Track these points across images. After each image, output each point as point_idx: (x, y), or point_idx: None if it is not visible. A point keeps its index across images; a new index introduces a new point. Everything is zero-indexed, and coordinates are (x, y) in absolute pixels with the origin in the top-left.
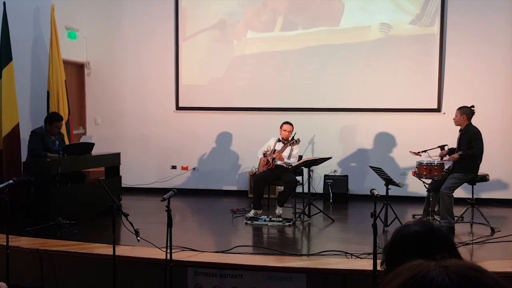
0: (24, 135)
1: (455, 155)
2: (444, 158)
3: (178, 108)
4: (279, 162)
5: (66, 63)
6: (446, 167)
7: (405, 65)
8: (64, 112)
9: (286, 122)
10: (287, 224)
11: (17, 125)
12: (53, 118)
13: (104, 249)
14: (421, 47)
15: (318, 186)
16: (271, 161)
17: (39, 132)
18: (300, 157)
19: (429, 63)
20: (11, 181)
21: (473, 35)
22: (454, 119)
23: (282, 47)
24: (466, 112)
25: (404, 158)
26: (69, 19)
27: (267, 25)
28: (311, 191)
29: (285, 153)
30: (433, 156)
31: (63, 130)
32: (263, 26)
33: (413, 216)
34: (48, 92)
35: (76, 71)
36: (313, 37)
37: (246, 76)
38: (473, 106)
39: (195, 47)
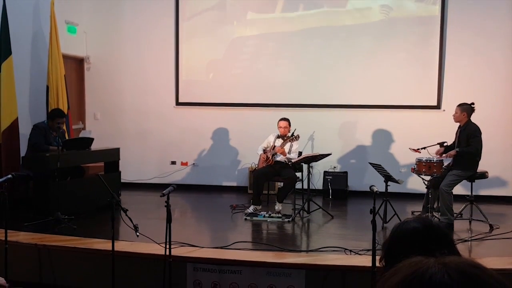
0: (23, 130)
1: (452, 152)
2: (442, 155)
3: (178, 103)
4: (279, 158)
5: (66, 57)
6: (445, 164)
7: (405, 62)
8: (63, 107)
9: (282, 119)
10: (287, 220)
11: (16, 120)
12: (54, 114)
13: (103, 245)
14: (421, 41)
15: (317, 183)
16: (270, 157)
17: (41, 126)
18: (300, 153)
19: (429, 60)
20: (10, 176)
21: (473, 32)
22: (454, 115)
23: (282, 29)
24: (467, 109)
25: (403, 155)
26: (69, 13)
27: (267, 6)
28: (310, 187)
29: (285, 149)
30: (433, 153)
31: None
32: (263, 7)
33: (412, 212)
34: (47, 87)
35: (76, 66)
36: (314, 19)
37: (246, 57)
38: (473, 103)
39: (195, 28)
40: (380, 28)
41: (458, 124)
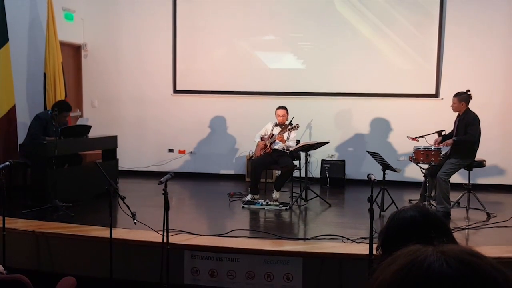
0: (21, 117)
1: (449, 141)
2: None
3: (175, 91)
4: (277, 146)
5: (63, 44)
6: (443, 152)
7: (403, 50)
8: (61, 94)
9: (280, 107)
10: (284, 208)
11: (14, 107)
12: (62, 108)
13: (101, 232)
14: (419, 29)
15: (315, 171)
16: (268, 145)
17: (43, 118)
18: (298, 142)
19: (427, 48)
20: (7, 163)
21: (472, 20)
22: (452, 106)
23: (280, 16)
24: (464, 98)
25: (401, 143)
26: (66, 0)
27: None
28: (308, 176)
29: (284, 137)
30: (431, 142)
31: None
32: None
33: (410, 201)
34: (44, 74)
35: (73, 53)
36: (312, 6)
37: (244, 45)
38: (468, 90)
39: (193, 16)
40: (378, 15)
41: (456, 112)
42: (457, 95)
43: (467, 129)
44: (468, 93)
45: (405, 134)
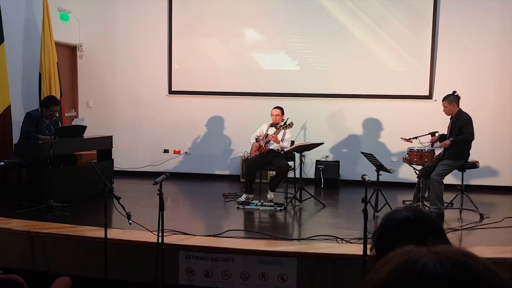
0: (16, 117)
1: (447, 142)
2: (435, 145)
3: (170, 92)
4: (272, 146)
5: (58, 45)
6: (436, 153)
7: (397, 51)
8: (56, 95)
9: (275, 107)
10: (279, 208)
11: (9, 107)
12: (48, 102)
13: (96, 232)
14: (413, 31)
15: (309, 172)
16: (263, 145)
17: (33, 115)
18: (292, 142)
19: (421, 50)
20: (2, 163)
21: (465, 22)
22: (444, 110)
23: (275, 18)
24: (454, 99)
25: (395, 144)
26: (62, 0)
27: None
28: (302, 176)
29: (278, 137)
30: (424, 143)
31: None
32: None
33: (403, 202)
34: (40, 74)
35: (69, 53)
36: (307, 8)
37: (240, 46)
38: (455, 92)
39: (189, 16)
40: (372, 17)
41: (449, 115)
42: (445, 98)
43: (462, 129)
44: (455, 93)
45: (398, 135)
